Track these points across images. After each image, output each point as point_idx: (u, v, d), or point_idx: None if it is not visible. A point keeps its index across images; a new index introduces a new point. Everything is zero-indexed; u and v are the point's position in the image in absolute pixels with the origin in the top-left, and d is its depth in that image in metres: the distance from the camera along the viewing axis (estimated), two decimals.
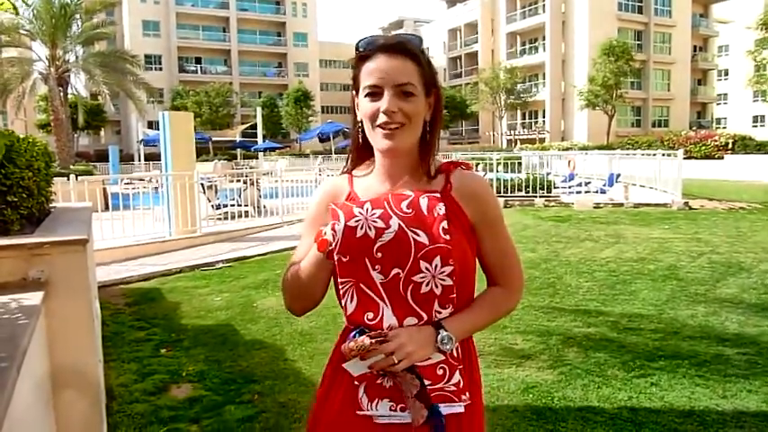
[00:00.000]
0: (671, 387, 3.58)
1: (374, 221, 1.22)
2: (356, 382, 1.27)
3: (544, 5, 50.42)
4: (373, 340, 1.20)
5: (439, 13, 67.22)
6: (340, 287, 1.25)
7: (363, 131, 1.35)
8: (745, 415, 3.20)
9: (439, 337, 1.23)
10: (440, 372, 1.26)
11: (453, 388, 1.27)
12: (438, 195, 1.28)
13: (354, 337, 1.23)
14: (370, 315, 1.24)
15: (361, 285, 1.24)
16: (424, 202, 1.25)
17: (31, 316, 1.88)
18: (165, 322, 5.32)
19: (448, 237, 1.22)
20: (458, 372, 1.28)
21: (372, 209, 1.24)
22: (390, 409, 1.26)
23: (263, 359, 4.27)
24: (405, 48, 1.29)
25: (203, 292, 6.44)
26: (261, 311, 5.55)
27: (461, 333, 1.28)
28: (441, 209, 1.25)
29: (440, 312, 1.26)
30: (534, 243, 8.89)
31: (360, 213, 1.23)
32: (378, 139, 1.28)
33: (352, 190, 1.37)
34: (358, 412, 1.27)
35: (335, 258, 1.23)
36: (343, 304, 1.25)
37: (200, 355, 4.39)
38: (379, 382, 1.26)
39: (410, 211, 1.24)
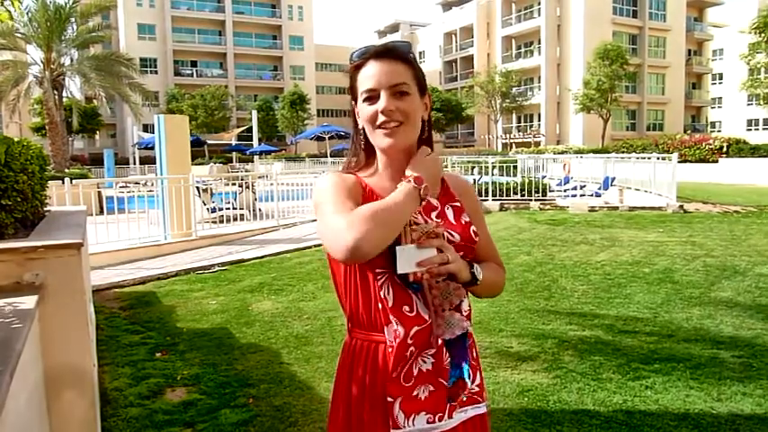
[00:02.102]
0: (666, 390, 3.59)
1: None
2: (389, 398, 1.26)
3: (539, 9, 50.60)
4: (439, 228, 1.27)
5: (435, 17, 67.58)
6: (378, 278, 1.29)
7: (365, 137, 1.41)
8: (739, 418, 3.21)
9: (474, 266, 1.34)
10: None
11: (477, 389, 1.36)
12: (459, 205, 1.42)
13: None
14: (407, 308, 1.29)
15: (395, 277, 1.29)
16: (449, 212, 1.39)
17: (26, 320, 1.88)
18: (160, 326, 5.30)
19: (477, 239, 1.40)
20: (479, 372, 1.39)
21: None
22: (428, 422, 1.28)
23: (258, 363, 4.26)
24: (396, 52, 1.35)
25: (199, 295, 6.43)
26: (256, 315, 5.54)
27: (483, 275, 1.38)
28: (466, 217, 1.41)
29: (462, 301, 1.35)
30: (529, 246, 8.90)
31: None
32: (379, 139, 1.34)
33: (368, 186, 1.39)
34: (393, 431, 1.26)
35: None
36: (382, 296, 1.29)
37: (195, 359, 4.38)
38: (415, 394, 1.27)
39: (440, 220, 1.35)
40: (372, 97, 1.32)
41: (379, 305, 1.29)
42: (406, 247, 1.22)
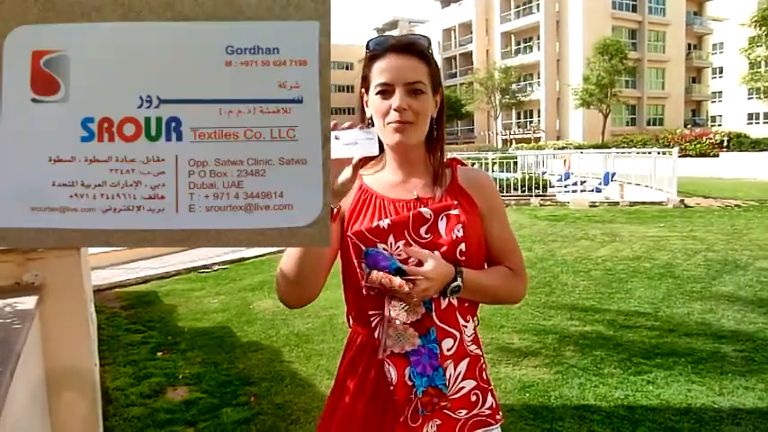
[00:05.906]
0: (667, 385, 3.59)
1: (398, 255, 1.24)
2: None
3: (538, 5, 50.47)
4: (405, 288, 1.18)
5: (433, 13, 67.21)
6: (372, 319, 1.27)
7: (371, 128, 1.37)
8: (741, 412, 3.21)
9: (452, 285, 1.23)
10: (473, 398, 1.29)
11: (488, 411, 1.31)
12: (457, 213, 1.28)
13: (391, 267, 1.19)
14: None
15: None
16: (442, 224, 1.27)
17: (26, 320, 1.88)
18: (161, 325, 5.30)
19: (463, 258, 1.26)
20: (489, 394, 1.32)
21: (396, 241, 1.25)
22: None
23: (259, 361, 4.27)
24: (415, 48, 1.31)
25: (200, 294, 6.43)
26: (257, 313, 5.54)
27: (471, 283, 1.27)
28: (459, 231, 1.27)
29: (465, 326, 1.29)
30: (530, 242, 8.90)
31: (385, 249, 1.25)
32: (388, 135, 1.30)
33: (362, 183, 1.37)
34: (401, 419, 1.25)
35: (365, 293, 1.26)
36: (375, 336, 1.26)
37: (196, 358, 4.38)
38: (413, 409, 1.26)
39: (429, 236, 1.27)
40: (386, 91, 1.28)
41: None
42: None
